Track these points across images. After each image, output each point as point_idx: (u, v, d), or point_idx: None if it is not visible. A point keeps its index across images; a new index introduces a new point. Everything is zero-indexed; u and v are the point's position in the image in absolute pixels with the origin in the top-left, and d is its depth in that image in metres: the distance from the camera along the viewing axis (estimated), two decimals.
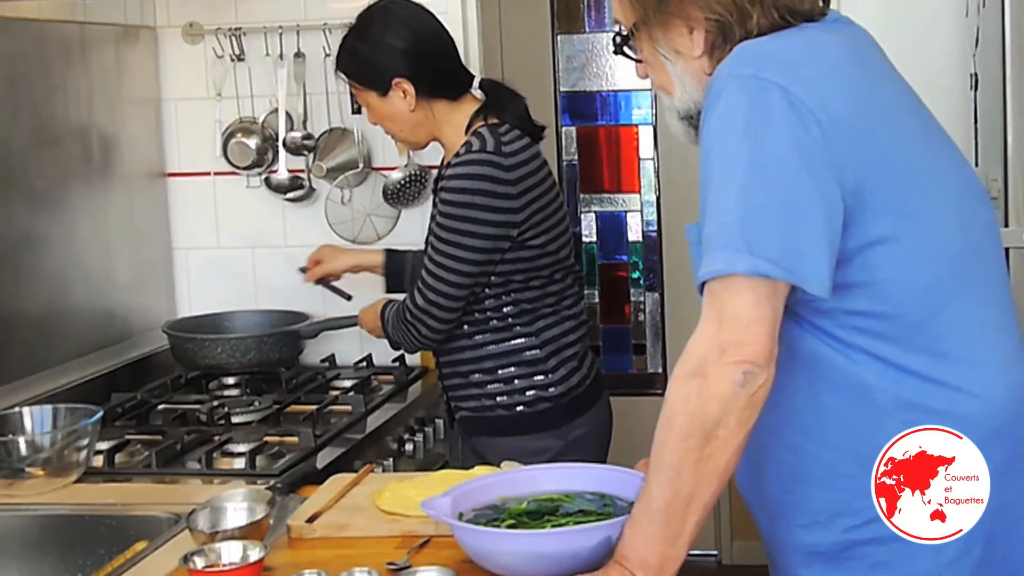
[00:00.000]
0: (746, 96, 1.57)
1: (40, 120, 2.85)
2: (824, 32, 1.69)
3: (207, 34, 3.26)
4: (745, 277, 1.51)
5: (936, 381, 1.62)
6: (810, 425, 1.66)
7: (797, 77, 1.57)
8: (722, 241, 1.53)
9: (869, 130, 1.59)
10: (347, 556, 1.83)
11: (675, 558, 1.57)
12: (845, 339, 1.62)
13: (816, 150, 1.55)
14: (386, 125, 2.66)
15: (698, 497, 1.55)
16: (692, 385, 1.53)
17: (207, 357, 3.00)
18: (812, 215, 1.54)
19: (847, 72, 1.63)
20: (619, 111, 4.64)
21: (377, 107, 2.62)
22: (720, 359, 1.51)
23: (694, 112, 1.73)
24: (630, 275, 4.68)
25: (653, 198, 4.60)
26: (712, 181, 1.58)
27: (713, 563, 4.48)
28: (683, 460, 1.53)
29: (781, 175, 1.54)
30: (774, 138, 1.55)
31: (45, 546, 2.14)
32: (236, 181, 3.31)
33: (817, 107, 1.56)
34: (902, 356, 1.61)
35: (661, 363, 4.65)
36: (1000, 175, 3.13)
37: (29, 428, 2.33)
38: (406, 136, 2.67)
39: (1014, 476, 1.64)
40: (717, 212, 1.55)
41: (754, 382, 1.51)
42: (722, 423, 1.52)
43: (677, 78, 1.73)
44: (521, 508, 1.81)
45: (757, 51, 1.62)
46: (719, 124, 1.58)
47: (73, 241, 2.94)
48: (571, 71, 4.62)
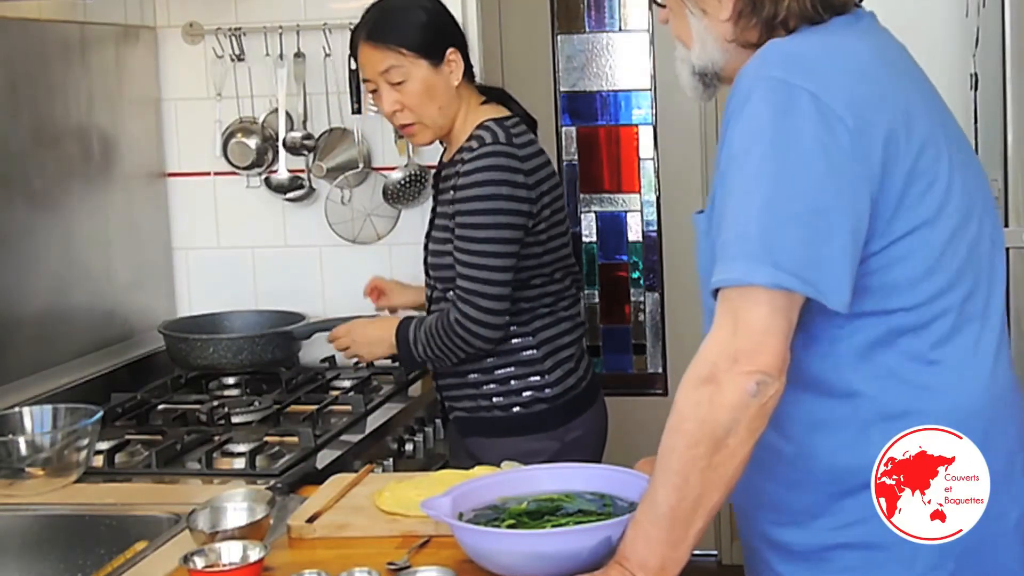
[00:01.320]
0: (775, 101, 1.55)
1: (40, 120, 2.85)
2: (851, 34, 1.67)
3: (207, 34, 3.26)
4: (764, 289, 1.51)
5: (924, 388, 1.62)
6: (792, 429, 1.66)
7: (827, 82, 1.55)
8: (741, 250, 1.52)
9: (894, 140, 1.58)
10: (347, 556, 1.83)
11: (677, 561, 1.57)
12: (842, 347, 1.62)
13: (845, 159, 1.53)
14: (422, 104, 2.53)
15: (704, 504, 1.54)
16: (703, 392, 1.52)
17: (200, 357, 3.00)
18: (837, 227, 1.53)
19: (874, 78, 1.61)
20: (619, 111, 4.63)
21: (424, 80, 2.51)
22: (733, 367, 1.51)
23: (709, 71, 1.72)
24: (630, 275, 4.68)
25: (653, 198, 4.60)
26: (735, 185, 1.56)
27: (713, 563, 4.48)
28: (691, 467, 1.53)
29: (808, 186, 1.52)
30: (802, 146, 1.53)
31: (45, 546, 2.14)
32: (236, 181, 3.31)
33: (847, 114, 1.54)
34: (894, 363, 1.62)
35: (661, 363, 4.65)
36: (1000, 175, 3.13)
37: (29, 428, 2.33)
38: (434, 118, 2.55)
39: (991, 492, 1.63)
40: (739, 219, 1.54)
41: (766, 392, 1.51)
42: (732, 431, 1.51)
43: (698, 35, 1.72)
44: (521, 508, 1.81)
45: (787, 52, 1.60)
46: (747, 127, 1.56)
47: (73, 241, 2.94)
48: (571, 71, 4.62)
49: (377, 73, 2.53)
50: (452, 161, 2.57)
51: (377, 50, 2.52)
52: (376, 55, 2.52)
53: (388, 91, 2.53)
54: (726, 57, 1.72)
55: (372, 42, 2.53)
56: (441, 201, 2.59)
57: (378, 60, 2.52)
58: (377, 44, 2.52)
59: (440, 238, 2.56)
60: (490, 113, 2.57)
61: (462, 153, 2.52)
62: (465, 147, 2.52)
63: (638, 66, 4.53)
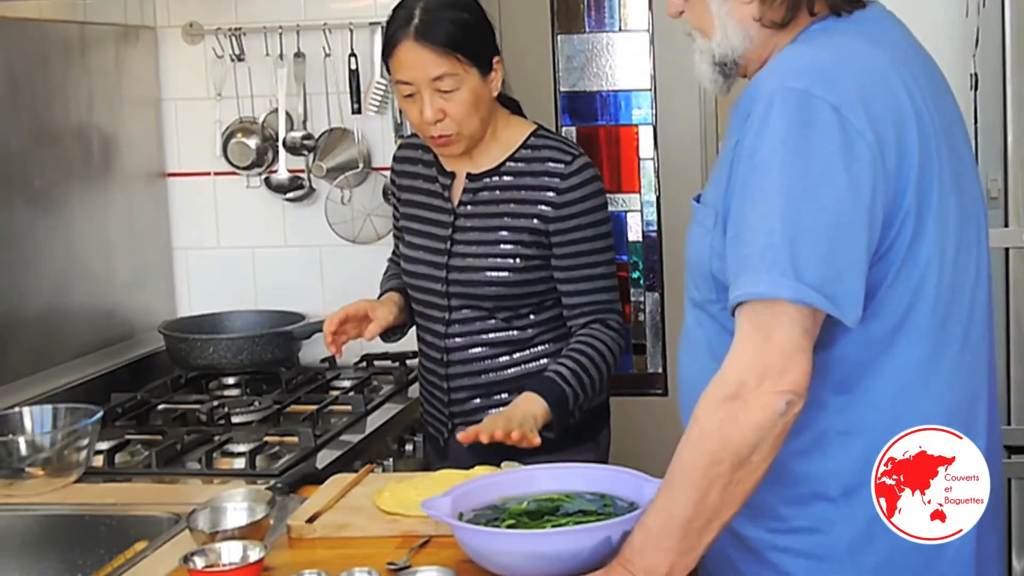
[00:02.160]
0: (798, 113, 1.54)
1: (40, 120, 2.85)
2: (868, 41, 1.65)
3: (207, 34, 3.26)
4: (790, 304, 1.50)
5: (888, 410, 1.62)
6: None
7: (847, 96, 1.55)
8: (766, 262, 1.51)
9: (907, 156, 1.58)
10: (347, 556, 1.83)
11: (685, 568, 1.58)
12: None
13: (864, 174, 1.53)
14: (468, 116, 2.34)
15: (721, 516, 1.55)
16: (729, 409, 1.51)
17: (200, 357, 3.00)
18: (856, 242, 1.53)
19: (891, 90, 1.60)
20: (619, 111, 4.63)
21: (474, 91, 2.33)
22: (761, 385, 1.50)
23: (729, 60, 1.70)
24: (630, 275, 4.67)
25: (653, 198, 4.60)
26: (755, 196, 1.55)
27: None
28: (712, 484, 1.52)
29: (830, 200, 1.52)
30: (825, 159, 1.52)
31: (45, 546, 2.14)
32: (236, 181, 3.31)
33: (866, 129, 1.54)
34: (868, 379, 1.62)
35: (661, 363, 4.65)
36: (1000, 175, 3.13)
37: (29, 428, 2.33)
38: (474, 130, 2.37)
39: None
40: (761, 230, 1.53)
41: (792, 410, 1.51)
42: (757, 449, 1.51)
43: (720, 20, 1.69)
44: (521, 508, 1.81)
45: (807, 63, 1.59)
46: (769, 141, 1.55)
47: (73, 241, 2.94)
48: (571, 71, 4.62)
49: (428, 79, 2.31)
50: (498, 170, 2.43)
51: (431, 52, 2.30)
52: (428, 58, 2.30)
53: (433, 98, 2.32)
54: (747, 42, 1.69)
55: (425, 43, 2.30)
56: (481, 214, 2.43)
57: (431, 64, 2.30)
58: (431, 46, 2.29)
59: (480, 253, 2.41)
60: (523, 123, 2.48)
61: (534, 164, 2.40)
62: (536, 157, 2.40)
63: (638, 66, 4.53)
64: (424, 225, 2.51)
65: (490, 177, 2.44)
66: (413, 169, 2.56)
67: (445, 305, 2.46)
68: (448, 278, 2.45)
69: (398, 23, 2.33)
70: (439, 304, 2.47)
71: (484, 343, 2.46)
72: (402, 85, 2.35)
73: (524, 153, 2.42)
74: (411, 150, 2.58)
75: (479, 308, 2.44)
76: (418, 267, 2.50)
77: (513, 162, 2.43)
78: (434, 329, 2.50)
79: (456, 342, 2.47)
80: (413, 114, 2.36)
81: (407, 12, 2.33)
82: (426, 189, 2.52)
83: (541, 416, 2.24)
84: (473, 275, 2.42)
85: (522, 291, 2.41)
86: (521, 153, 2.43)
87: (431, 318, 2.50)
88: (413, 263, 2.51)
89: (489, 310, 2.43)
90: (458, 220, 2.45)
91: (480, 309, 2.44)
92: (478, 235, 2.43)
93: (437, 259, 2.46)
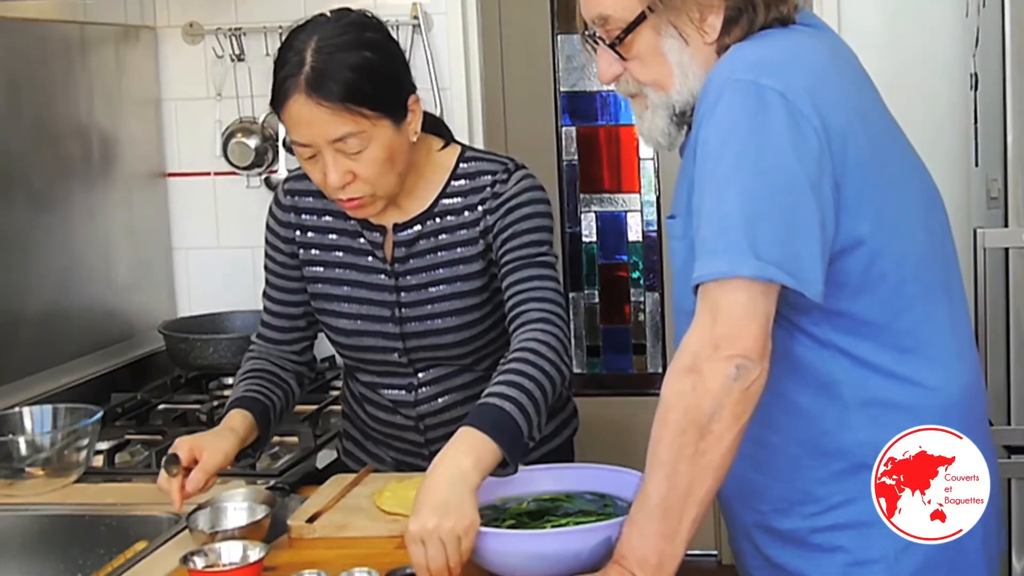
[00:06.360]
0: (746, 101, 1.57)
1: (40, 120, 2.85)
2: (811, 38, 1.70)
3: (207, 34, 3.26)
4: (748, 280, 1.53)
5: (899, 377, 1.65)
6: (777, 420, 1.68)
7: (793, 83, 1.58)
8: (724, 244, 1.54)
9: (852, 136, 1.61)
10: (347, 556, 1.83)
11: (673, 555, 1.58)
12: (819, 337, 1.64)
13: (812, 157, 1.57)
14: (382, 174, 1.98)
15: (695, 492, 1.55)
16: (686, 381, 1.54)
17: (199, 357, 3.00)
18: (810, 221, 1.56)
19: (834, 78, 1.65)
20: (619, 111, 4.64)
21: (387, 146, 1.97)
22: (714, 354, 1.53)
23: (689, 107, 1.72)
24: (630, 275, 4.68)
25: (653, 198, 4.61)
26: (709, 184, 1.59)
27: (713, 563, 4.47)
28: (679, 455, 1.54)
29: (782, 181, 1.55)
30: (775, 143, 1.56)
31: (45, 546, 2.14)
32: (236, 181, 3.31)
33: (812, 114, 1.57)
34: (871, 353, 1.65)
35: (661, 363, 4.65)
36: (1000, 175, 3.12)
37: (29, 428, 2.33)
38: (391, 187, 2.01)
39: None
40: (717, 215, 1.56)
41: (747, 376, 1.53)
42: (716, 417, 1.53)
43: (680, 68, 1.70)
44: (521, 508, 1.81)
45: (754, 58, 1.63)
46: (719, 129, 1.59)
47: (73, 241, 2.94)
48: (571, 71, 4.62)
49: (327, 140, 1.93)
50: (431, 213, 2.10)
51: (327, 111, 1.91)
52: (325, 117, 1.91)
53: (337, 160, 1.94)
54: (704, 78, 1.70)
55: (319, 99, 1.91)
56: (425, 267, 2.11)
57: (329, 124, 1.92)
58: (327, 103, 1.91)
59: (437, 312, 2.11)
60: (448, 150, 2.14)
61: (470, 195, 2.09)
62: (471, 186, 2.09)
63: None
64: (356, 290, 2.14)
65: (423, 223, 2.10)
66: (318, 222, 2.16)
67: (409, 372, 2.17)
68: (406, 347, 2.14)
69: (287, 69, 1.94)
70: (400, 372, 2.17)
71: (462, 400, 2.16)
72: (300, 147, 1.97)
73: (456, 185, 2.10)
74: (308, 198, 2.16)
75: (449, 364, 2.16)
76: (363, 339, 2.16)
77: (447, 198, 2.10)
78: (397, 399, 2.19)
79: (430, 406, 2.18)
80: (316, 177, 1.99)
81: (297, 56, 1.94)
82: (346, 247, 2.15)
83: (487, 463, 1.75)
84: (436, 338, 2.12)
85: (495, 331, 2.14)
86: (452, 186, 2.10)
87: (390, 386, 2.19)
88: (353, 336, 2.16)
89: (462, 364, 2.16)
90: (400, 280, 2.11)
91: (450, 364, 2.16)
92: (428, 291, 2.11)
93: (386, 328, 2.13)
